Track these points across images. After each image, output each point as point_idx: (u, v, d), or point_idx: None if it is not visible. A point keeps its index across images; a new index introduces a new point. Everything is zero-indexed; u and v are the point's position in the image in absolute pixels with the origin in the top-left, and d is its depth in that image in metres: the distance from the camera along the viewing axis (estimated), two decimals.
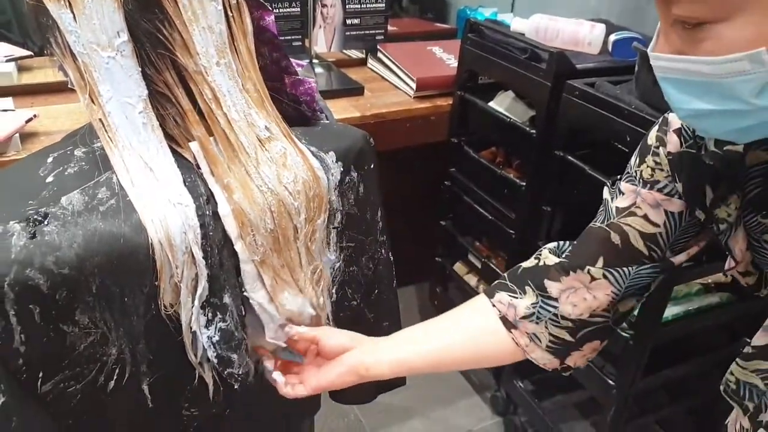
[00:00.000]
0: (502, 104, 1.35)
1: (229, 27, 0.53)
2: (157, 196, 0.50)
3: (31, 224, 0.46)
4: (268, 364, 0.63)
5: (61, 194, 0.49)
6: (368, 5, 1.54)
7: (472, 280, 1.61)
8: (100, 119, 0.50)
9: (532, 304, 0.61)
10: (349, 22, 1.53)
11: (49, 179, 0.51)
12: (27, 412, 0.48)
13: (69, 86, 0.51)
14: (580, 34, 1.26)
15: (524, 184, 1.27)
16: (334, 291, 0.65)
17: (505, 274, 0.66)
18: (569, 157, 1.14)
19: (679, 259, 0.59)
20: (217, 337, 0.55)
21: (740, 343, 0.87)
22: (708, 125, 0.44)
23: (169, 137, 0.52)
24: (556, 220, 1.24)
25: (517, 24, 1.33)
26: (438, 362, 0.64)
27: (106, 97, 0.49)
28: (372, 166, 0.66)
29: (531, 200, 1.26)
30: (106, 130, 0.50)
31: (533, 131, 1.22)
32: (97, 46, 0.48)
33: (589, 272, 0.59)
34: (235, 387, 0.59)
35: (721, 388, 0.56)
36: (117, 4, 0.47)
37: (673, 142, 0.55)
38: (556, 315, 0.60)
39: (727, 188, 0.51)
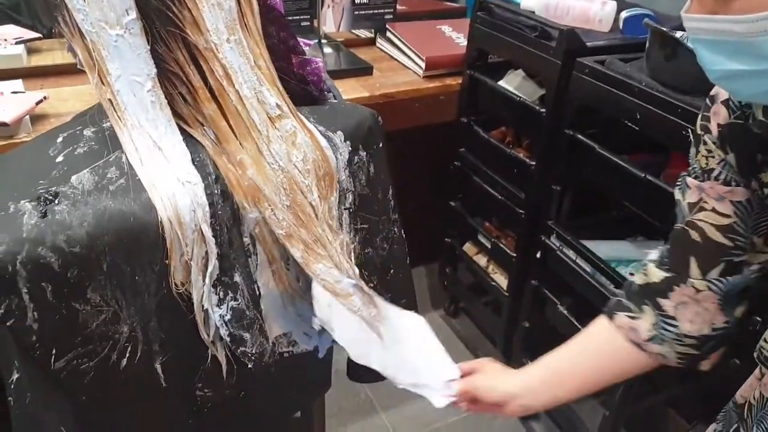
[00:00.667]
0: (512, 83, 1.33)
1: (239, 4, 0.52)
2: (166, 175, 0.50)
3: (42, 203, 0.47)
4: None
5: (71, 174, 0.49)
6: None
7: (481, 260, 1.62)
8: (109, 99, 0.50)
9: (652, 325, 0.62)
10: (357, 1, 1.51)
11: (59, 159, 0.51)
12: (40, 388, 0.49)
13: (78, 67, 0.51)
14: (591, 12, 1.24)
15: (534, 163, 1.26)
16: None
17: (622, 291, 0.67)
18: (579, 136, 1.13)
19: None
20: (228, 316, 0.56)
21: (750, 321, 0.86)
22: (740, 86, 0.44)
23: (178, 116, 0.53)
24: (566, 200, 1.23)
25: (527, 2, 1.31)
26: (584, 392, 0.67)
27: (114, 75, 0.49)
28: (381, 145, 0.66)
29: (541, 180, 1.25)
30: (115, 110, 0.50)
31: (543, 110, 1.20)
32: (106, 24, 0.48)
33: (693, 285, 0.60)
34: (249, 366, 0.60)
35: (755, 354, 0.58)
36: None
37: (722, 114, 0.55)
38: (678, 335, 0.61)
39: None
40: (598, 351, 0.67)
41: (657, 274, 0.63)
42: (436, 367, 0.66)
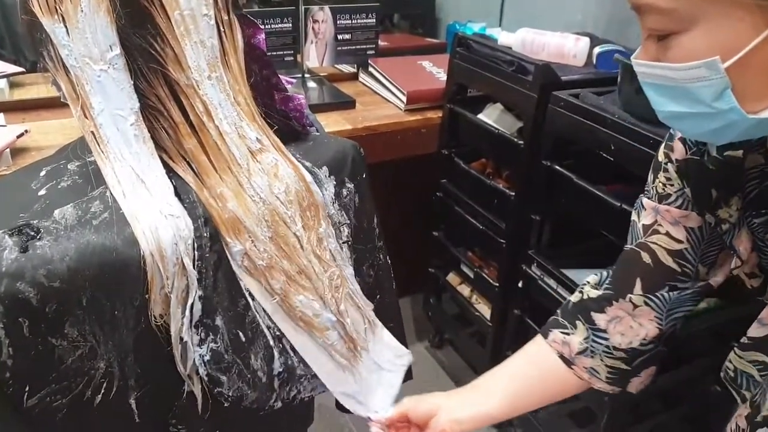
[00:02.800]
0: (491, 116, 1.37)
1: (221, 42, 0.54)
2: (149, 208, 0.51)
3: (23, 238, 0.47)
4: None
5: (54, 208, 0.49)
6: (359, 21, 1.57)
7: (465, 290, 1.62)
8: (92, 131, 0.50)
9: (584, 339, 0.64)
10: (340, 37, 1.55)
11: (42, 192, 0.51)
12: (10, 426, 0.48)
13: (62, 100, 0.52)
14: (566, 47, 1.29)
15: (513, 193, 1.28)
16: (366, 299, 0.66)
17: (558, 310, 0.69)
18: (556, 167, 1.15)
19: (717, 280, 0.61)
20: (207, 357, 0.55)
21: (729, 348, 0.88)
22: (684, 126, 0.48)
23: (162, 150, 0.53)
24: (545, 229, 1.26)
25: (504, 38, 1.36)
26: (512, 410, 0.67)
27: (97, 109, 0.50)
28: (364, 175, 0.67)
29: (520, 210, 1.27)
30: (98, 143, 0.51)
31: (521, 142, 1.23)
32: (90, 60, 0.48)
33: (630, 300, 0.62)
34: (225, 405, 0.59)
35: (722, 374, 0.59)
36: (110, 19, 0.48)
37: (678, 150, 0.58)
38: (608, 347, 0.63)
39: (728, 190, 0.53)
40: (530, 368, 0.68)
41: (594, 292, 0.65)
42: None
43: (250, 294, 0.57)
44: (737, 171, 0.52)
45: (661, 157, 0.60)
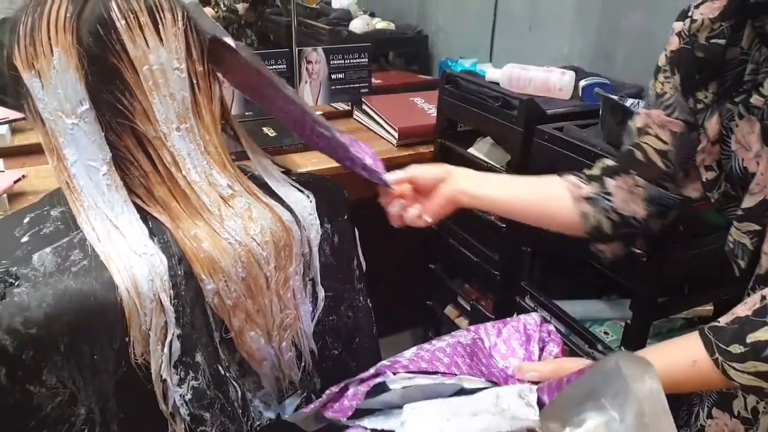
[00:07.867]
0: (482, 150, 1.39)
1: (193, 94, 0.56)
2: (123, 249, 0.52)
3: (1, 285, 0.48)
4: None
5: (34, 254, 0.50)
6: (352, 60, 1.61)
7: (463, 323, 1.61)
8: (66, 182, 0.52)
9: (594, 192, 0.72)
10: (333, 76, 1.59)
11: (24, 239, 0.52)
12: None
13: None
14: (551, 81, 1.31)
15: (504, 225, 1.29)
16: (313, 341, 0.66)
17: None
18: None
19: (692, 194, 0.70)
20: (189, 395, 0.56)
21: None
22: None
23: (136, 195, 0.55)
24: (537, 260, 1.25)
25: (491, 73, 1.39)
26: (509, 209, 0.76)
27: (71, 160, 0.52)
28: (345, 216, 0.68)
29: (512, 242, 1.28)
30: (72, 192, 0.52)
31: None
32: (62, 113, 0.51)
33: (633, 178, 0.70)
34: None
35: (726, 249, 0.66)
36: (79, 75, 0.50)
37: (673, 43, 0.66)
38: (608, 208, 0.71)
39: (709, 74, 0.62)
40: (541, 187, 0.76)
41: (610, 163, 0.73)
42: None
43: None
44: (718, 58, 0.60)
45: (660, 62, 0.68)
